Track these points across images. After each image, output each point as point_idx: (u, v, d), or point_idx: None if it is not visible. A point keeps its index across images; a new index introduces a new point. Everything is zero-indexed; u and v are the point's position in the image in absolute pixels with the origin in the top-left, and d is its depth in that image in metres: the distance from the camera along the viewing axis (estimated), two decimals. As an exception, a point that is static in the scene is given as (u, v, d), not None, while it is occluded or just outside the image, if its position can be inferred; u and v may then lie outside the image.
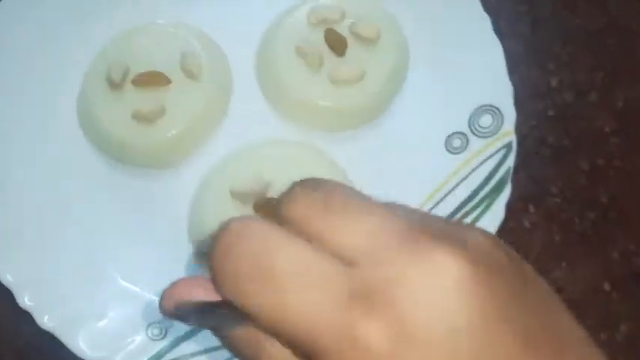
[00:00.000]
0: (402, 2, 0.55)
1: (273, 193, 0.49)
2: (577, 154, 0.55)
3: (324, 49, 0.52)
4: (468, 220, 0.50)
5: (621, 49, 0.57)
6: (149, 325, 0.48)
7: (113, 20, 0.54)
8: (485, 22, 0.53)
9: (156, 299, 0.49)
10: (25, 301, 0.47)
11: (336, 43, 0.52)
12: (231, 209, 0.49)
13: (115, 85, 0.51)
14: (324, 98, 0.52)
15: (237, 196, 0.49)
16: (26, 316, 0.48)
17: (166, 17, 0.55)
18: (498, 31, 0.53)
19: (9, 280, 0.48)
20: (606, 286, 0.52)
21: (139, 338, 0.48)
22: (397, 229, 0.24)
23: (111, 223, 0.51)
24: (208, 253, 0.25)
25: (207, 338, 0.48)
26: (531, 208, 0.53)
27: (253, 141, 0.52)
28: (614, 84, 0.56)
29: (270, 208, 0.49)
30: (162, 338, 0.48)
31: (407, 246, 0.23)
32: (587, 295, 0.52)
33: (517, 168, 0.51)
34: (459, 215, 0.50)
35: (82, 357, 0.47)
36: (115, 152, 0.52)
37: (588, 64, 0.57)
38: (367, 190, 0.51)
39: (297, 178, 0.48)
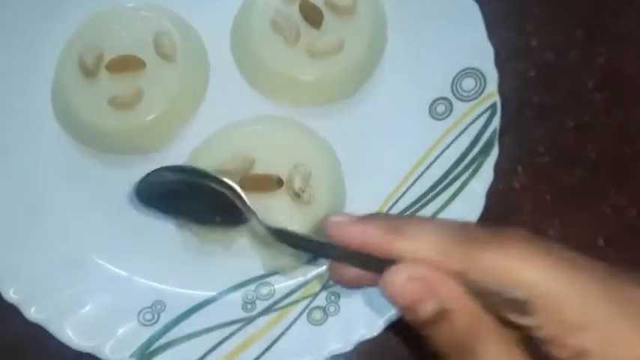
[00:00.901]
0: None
1: (258, 169, 0.48)
2: (562, 112, 0.54)
3: (300, 22, 0.51)
4: (458, 183, 0.49)
5: (598, 6, 0.57)
6: (141, 311, 0.47)
7: (82, 5, 0.53)
8: (462, -15, 0.53)
9: (145, 282, 0.48)
10: (10, 294, 0.46)
11: (312, 15, 0.51)
12: (217, 189, 0.48)
13: (88, 72, 0.50)
14: (304, 72, 0.51)
15: (222, 174, 0.47)
16: (14, 312, 0.46)
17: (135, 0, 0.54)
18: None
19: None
20: (600, 242, 0.51)
21: (131, 324, 0.47)
22: None
23: (93, 211, 0.50)
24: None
25: (199, 320, 0.47)
26: (520, 169, 0.53)
27: (233, 120, 0.51)
28: (593, 40, 0.56)
29: (256, 184, 0.48)
30: (154, 323, 0.47)
31: None
32: (582, 252, 0.51)
33: (503, 130, 0.51)
34: (448, 179, 0.49)
35: (72, 347, 0.46)
36: (94, 140, 0.51)
37: (566, 23, 0.56)
38: (354, 161, 0.51)
39: (283, 153, 0.48)
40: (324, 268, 0.49)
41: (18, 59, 0.52)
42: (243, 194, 0.40)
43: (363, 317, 0.46)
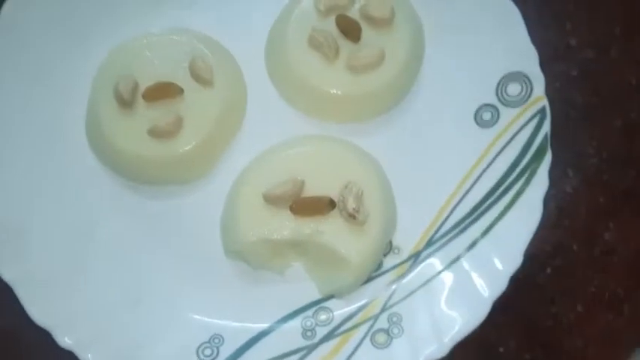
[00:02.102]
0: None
1: (307, 191, 0.47)
2: (608, 111, 0.53)
3: (338, 36, 0.50)
4: (512, 192, 0.48)
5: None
6: (199, 347, 0.46)
7: (111, 35, 0.51)
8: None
9: (201, 318, 0.47)
10: (65, 340, 0.45)
11: (350, 29, 0.50)
12: (267, 215, 0.46)
13: (125, 103, 0.48)
14: (345, 87, 0.50)
15: (272, 199, 0.46)
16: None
17: (166, 24, 0.52)
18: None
19: (47, 324, 0.45)
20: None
21: (192, 361, 0.45)
22: None
23: (140, 249, 0.49)
24: None
25: (260, 352, 0.46)
26: (570, 173, 0.52)
27: (275, 142, 0.50)
28: (633, 35, 0.55)
29: (308, 208, 0.46)
30: (215, 358, 0.46)
31: None
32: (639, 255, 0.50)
33: (550, 133, 0.49)
34: (502, 187, 0.48)
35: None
36: (136, 173, 0.49)
37: (605, 19, 0.55)
38: (403, 176, 0.49)
39: (332, 173, 0.47)
40: (382, 288, 0.47)
41: (48, 94, 0.50)
42: None
43: (428, 337, 0.45)
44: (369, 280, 0.48)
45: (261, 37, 0.53)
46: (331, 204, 0.46)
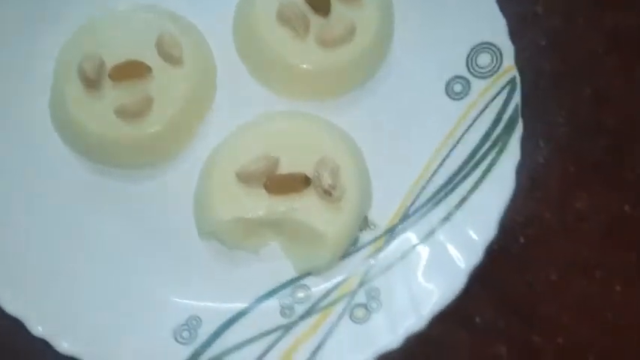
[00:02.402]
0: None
1: (283, 169, 0.46)
2: (576, 78, 0.53)
3: (307, 11, 0.49)
4: (485, 163, 0.48)
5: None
6: (176, 329, 0.45)
7: (75, 11, 0.50)
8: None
9: (177, 300, 0.46)
10: (39, 330, 0.44)
11: (319, 3, 0.49)
12: (241, 192, 0.46)
13: (90, 83, 0.47)
14: (317, 62, 0.49)
15: (246, 177, 0.46)
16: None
17: (132, 1, 0.51)
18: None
19: (19, 313, 0.44)
20: (627, 208, 0.51)
21: (169, 345, 0.45)
22: None
23: (113, 234, 0.48)
24: None
25: (238, 332, 0.46)
26: (541, 143, 0.52)
27: (247, 120, 0.49)
28: (600, 3, 0.55)
29: (283, 185, 0.46)
30: (193, 340, 0.45)
31: None
32: (610, 220, 0.51)
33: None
34: (475, 159, 0.48)
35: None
36: (105, 155, 0.48)
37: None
38: (376, 151, 0.49)
39: (306, 149, 0.47)
40: (359, 263, 0.47)
41: (9, 71, 0.49)
42: None
43: (407, 309, 0.45)
44: (345, 255, 0.47)
45: (229, 13, 0.52)
46: (306, 181, 0.46)
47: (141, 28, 0.49)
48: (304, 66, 0.49)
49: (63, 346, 0.44)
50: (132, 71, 0.47)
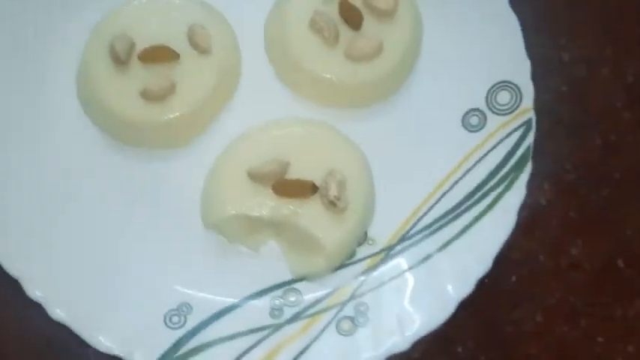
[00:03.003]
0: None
1: (292, 174, 0.47)
2: (590, 129, 0.54)
3: (339, 23, 0.50)
4: (490, 198, 0.49)
5: (630, 23, 0.57)
6: (167, 313, 0.46)
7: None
8: (501, -4, 0.52)
9: (172, 285, 0.47)
10: (35, 294, 0.45)
11: (352, 17, 0.50)
12: (249, 190, 0.47)
13: (119, 61, 0.48)
14: (340, 74, 0.50)
15: (256, 177, 0.47)
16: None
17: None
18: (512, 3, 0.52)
19: (17, 274, 0.45)
20: (620, 263, 0.52)
21: (157, 327, 0.46)
22: None
23: (118, 209, 0.49)
24: None
25: (226, 325, 0.46)
26: (546, 185, 0.53)
27: (265, 119, 0.50)
28: (624, 58, 0.56)
29: (289, 190, 0.47)
30: (181, 326, 0.46)
31: None
32: (602, 272, 0.52)
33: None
34: (480, 192, 0.49)
35: (101, 349, 0.44)
36: (122, 133, 0.49)
37: (599, 39, 0.56)
38: (385, 169, 0.50)
39: (318, 158, 0.47)
40: (353, 277, 0.48)
41: (41, 44, 0.50)
42: None
43: (392, 329, 0.46)
44: (341, 267, 0.48)
45: (263, 13, 0.53)
46: (313, 188, 0.47)
47: (174, 15, 0.50)
48: (328, 76, 0.50)
49: (56, 312, 0.45)
50: (160, 56, 0.48)
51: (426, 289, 0.47)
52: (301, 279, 0.48)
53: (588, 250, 0.52)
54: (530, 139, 0.50)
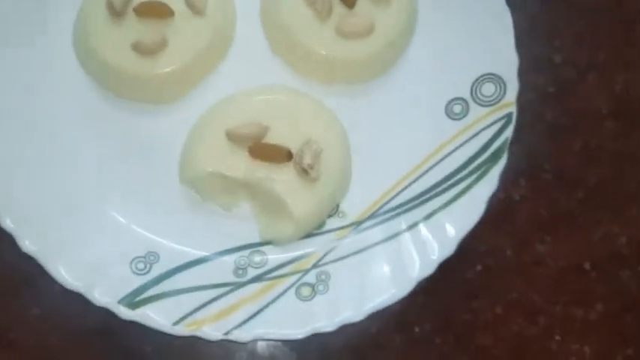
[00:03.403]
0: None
1: (270, 138, 0.48)
2: (571, 133, 0.55)
3: (334, -2, 0.51)
4: (462, 185, 0.50)
5: (626, 31, 0.57)
6: (134, 260, 0.47)
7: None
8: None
9: (141, 232, 0.48)
10: (7, 222, 0.46)
11: (347, -7, 0.51)
12: (226, 150, 0.48)
13: (115, 12, 0.49)
14: (328, 49, 0.51)
15: (234, 137, 0.48)
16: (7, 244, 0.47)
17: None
18: (509, 3, 0.53)
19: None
20: (586, 265, 0.53)
21: (123, 271, 0.47)
22: None
23: (101, 154, 0.50)
24: None
25: (190, 278, 0.48)
26: (522, 181, 0.54)
27: (252, 85, 0.51)
28: (615, 65, 0.56)
29: (265, 153, 0.48)
30: (146, 273, 0.47)
31: None
32: (567, 272, 0.52)
33: (512, 140, 0.51)
34: (454, 179, 0.50)
35: (63, 284, 0.46)
36: (111, 83, 0.51)
37: (592, 44, 0.57)
38: (364, 146, 0.51)
39: (297, 127, 0.48)
40: (319, 246, 0.49)
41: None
42: None
43: (350, 300, 0.47)
44: (308, 235, 0.49)
45: (263, -19, 0.54)
46: (288, 155, 0.48)
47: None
48: (316, 49, 0.51)
49: (25, 243, 0.46)
50: (156, 11, 0.49)
51: (387, 266, 0.48)
52: (268, 243, 0.49)
53: (555, 249, 0.53)
54: (508, 132, 0.51)
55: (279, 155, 0.48)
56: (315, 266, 0.49)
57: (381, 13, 0.51)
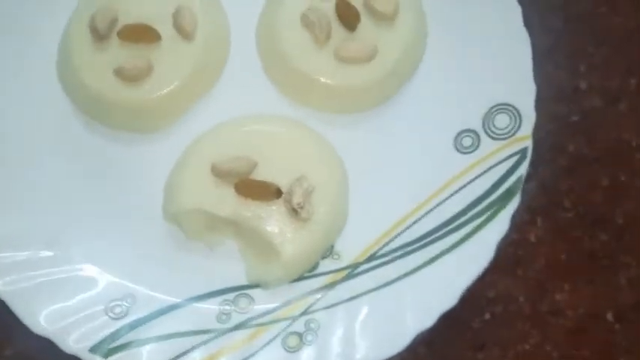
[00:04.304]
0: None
1: (259, 172, 0.44)
2: (597, 167, 0.50)
3: (333, 20, 0.47)
4: (469, 227, 0.45)
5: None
6: (110, 303, 0.44)
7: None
8: (515, 12, 0.48)
9: (117, 276, 0.45)
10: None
11: (348, 16, 0.47)
12: (212, 185, 0.44)
13: (99, 36, 0.46)
14: (327, 75, 0.47)
15: (219, 173, 0.44)
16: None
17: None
18: (528, 23, 0.48)
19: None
20: (609, 316, 0.48)
21: (98, 315, 0.44)
22: None
23: (76, 185, 0.47)
24: None
25: (169, 323, 0.44)
26: (539, 221, 0.49)
27: (244, 112, 0.47)
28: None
29: (252, 191, 0.44)
30: (122, 317, 0.44)
31: None
32: (588, 323, 0.48)
33: (528, 174, 0.47)
34: (460, 221, 0.46)
35: (34, 331, 0.43)
36: (93, 110, 0.48)
37: (622, 69, 0.51)
38: (363, 181, 0.47)
39: (289, 160, 0.45)
40: (310, 291, 0.45)
41: (27, 14, 0.49)
42: None
43: (341, 354, 0.43)
44: (300, 278, 0.46)
45: (261, 1, 0.50)
46: (277, 193, 0.44)
47: (163, -6, 0.48)
48: (313, 75, 0.47)
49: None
50: (141, 35, 0.46)
51: (383, 316, 0.44)
52: (256, 285, 0.46)
53: (574, 297, 0.48)
54: (522, 169, 0.46)
55: (267, 193, 0.44)
56: (304, 313, 0.45)
57: (385, 36, 0.47)
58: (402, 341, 0.43)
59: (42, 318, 0.43)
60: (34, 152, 0.47)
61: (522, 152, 0.46)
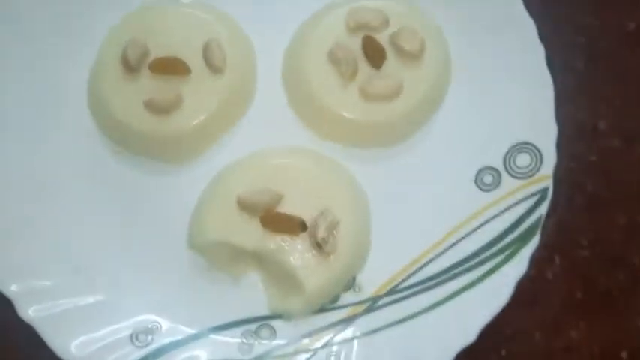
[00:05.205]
0: (449, 17, 0.50)
1: (284, 205, 0.45)
2: (615, 206, 0.51)
3: (360, 57, 0.48)
4: (489, 265, 0.46)
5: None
6: (134, 331, 0.45)
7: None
8: (538, 52, 0.49)
9: (143, 309, 0.46)
10: (11, 288, 0.44)
11: (374, 53, 0.48)
12: (237, 218, 0.45)
13: (130, 68, 0.47)
14: (352, 111, 0.48)
15: (245, 206, 0.45)
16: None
17: (195, -2, 0.51)
18: (550, 62, 0.49)
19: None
20: (624, 355, 0.48)
21: (123, 344, 0.45)
22: None
23: (103, 215, 0.48)
24: None
25: (191, 352, 0.45)
26: (556, 259, 0.50)
27: (270, 145, 0.48)
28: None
29: (277, 224, 0.45)
30: (146, 346, 0.45)
31: None
32: (602, 360, 0.48)
33: (547, 212, 0.47)
34: (479, 258, 0.46)
35: (65, 358, 0.44)
36: (122, 139, 0.49)
37: (641, 110, 0.52)
38: (385, 215, 0.48)
39: (314, 194, 0.46)
40: (331, 323, 0.46)
41: (59, 44, 0.50)
42: None
43: (360, 387, 0.44)
44: (321, 310, 0.46)
45: (287, 36, 0.51)
46: (302, 226, 0.45)
47: (193, 27, 0.49)
48: (338, 111, 0.48)
49: (24, 310, 0.44)
50: (172, 68, 0.47)
51: (402, 351, 0.45)
52: (278, 316, 0.46)
53: (589, 335, 0.48)
54: (542, 209, 0.47)
55: (291, 226, 0.45)
56: (326, 345, 0.46)
57: (410, 73, 0.48)
58: (418, 377, 0.44)
59: (72, 346, 0.44)
60: (62, 179, 0.48)
61: (543, 192, 0.47)
